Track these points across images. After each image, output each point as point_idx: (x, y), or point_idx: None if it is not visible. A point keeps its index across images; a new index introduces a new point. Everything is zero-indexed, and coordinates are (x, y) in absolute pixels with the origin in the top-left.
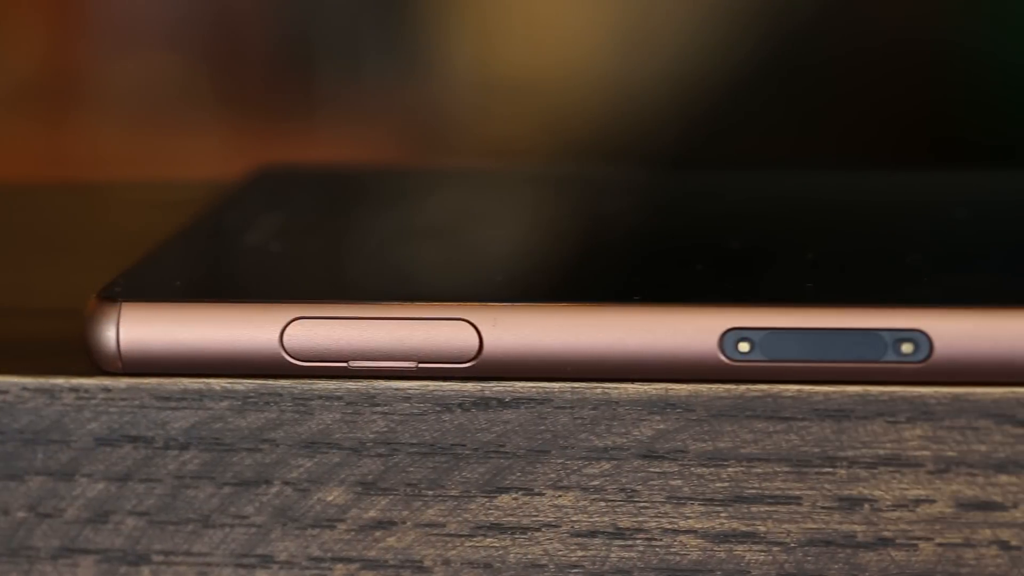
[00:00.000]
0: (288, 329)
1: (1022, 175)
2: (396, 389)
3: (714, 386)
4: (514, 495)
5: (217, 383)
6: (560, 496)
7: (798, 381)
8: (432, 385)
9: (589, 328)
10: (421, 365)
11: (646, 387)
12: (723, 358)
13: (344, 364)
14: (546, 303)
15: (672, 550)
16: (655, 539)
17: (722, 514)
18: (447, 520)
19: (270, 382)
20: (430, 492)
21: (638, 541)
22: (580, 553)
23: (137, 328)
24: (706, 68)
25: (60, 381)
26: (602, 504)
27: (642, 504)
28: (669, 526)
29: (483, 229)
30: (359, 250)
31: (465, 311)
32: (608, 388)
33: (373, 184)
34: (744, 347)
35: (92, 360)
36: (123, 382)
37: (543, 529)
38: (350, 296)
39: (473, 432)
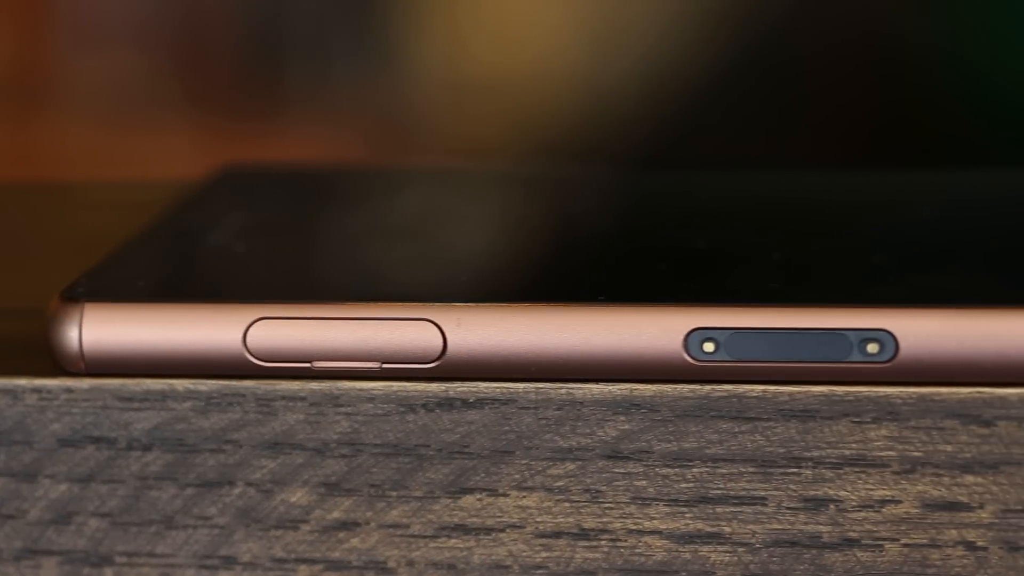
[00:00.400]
0: (251, 329)
1: (988, 174)
2: (360, 390)
3: (679, 386)
4: (478, 496)
5: (180, 384)
6: (524, 497)
7: (763, 381)
8: (396, 386)
9: (553, 328)
10: (385, 365)
11: (611, 387)
12: (688, 358)
13: (308, 364)
14: (510, 303)
15: (637, 551)
16: (620, 540)
17: (687, 515)
18: (411, 521)
19: (233, 383)
20: (394, 493)
21: (603, 542)
22: (544, 554)
23: (100, 328)
24: (676, 68)
25: (23, 382)
26: (567, 505)
27: (607, 505)
28: (634, 527)
29: (450, 229)
30: (324, 250)
31: (429, 311)
32: (572, 388)
33: (339, 184)
34: (709, 347)
35: (55, 360)
36: (86, 383)
37: (507, 530)
38: (314, 296)
39: (437, 433)
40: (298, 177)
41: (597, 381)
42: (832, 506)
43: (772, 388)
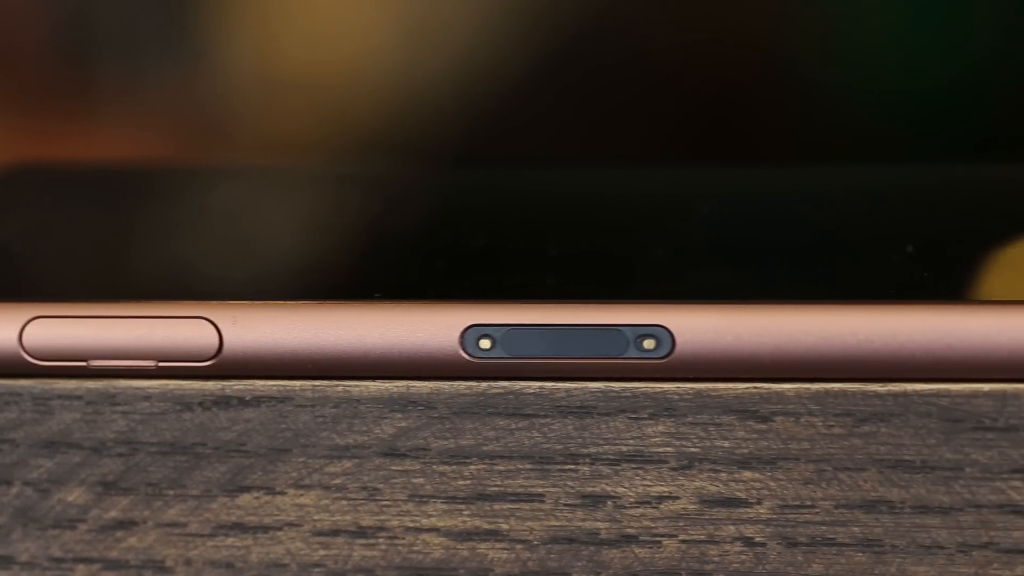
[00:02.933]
0: (27, 328)
1: (768, 171)
2: (136, 388)
3: (456, 383)
4: (255, 494)
5: None
6: (302, 495)
7: (540, 378)
8: (172, 384)
9: (329, 326)
10: (161, 364)
11: (387, 385)
12: (464, 355)
13: (84, 363)
14: (287, 301)
15: (415, 549)
16: (398, 538)
17: (465, 512)
18: (188, 520)
19: (9, 382)
20: (171, 492)
21: (380, 540)
22: (322, 552)
23: None
24: (488, 66)
25: None
26: (344, 503)
27: (384, 503)
28: (412, 524)
29: (239, 227)
30: (106, 249)
31: (205, 309)
32: (349, 386)
33: (133, 182)
34: (485, 344)
35: None
36: None
37: (285, 528)
38: (90, 295)
39: (214, 431)
40: (89, 175)
41: (374, 379)
42: (610, 503)
43: (549, 384)
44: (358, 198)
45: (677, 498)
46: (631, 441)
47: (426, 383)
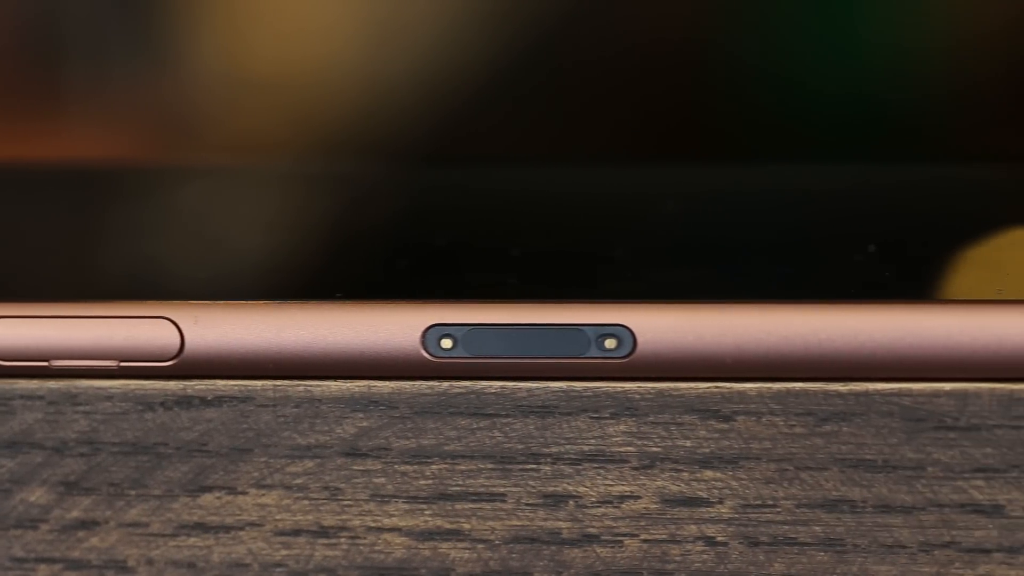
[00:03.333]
0: None
1: (729, 170)
2: (98, 388)
3: (417, 383)
4: (217, 494)
5: None
6: (263, 495)
7: (502, 377)
8: (134, 384)
9: (291, 326)
10: (123, 364)
11: (349, 384)
12: (426, 355)
13: (45, 363)
14: (248, 301)
15: (377, 548)
16: (359, 537)
17: (426, 512)
18: (150, 520)
19: None
20: (133, 492)
21: (342, 540)
22: (284, 552)
23: None
24: (457, 65)
25: None
26: (306, 503)
27: (346, 502)
28: (373, 524)
29: (199, 226)
30: (69, 248)
31: (166, 309)
32: (311, 386)
33: (96, 181)
34: (447, 343)
35: None
36: None
37: (247, 528)
38: (52, 295)
39: (175, 431)
40: (52, 175)
41: (335, 378)
42: (571, 502)
43: (510, 384)
44: (321, 198)
45: (639, 498)
46: (593, 441)
47: (387, 383)
